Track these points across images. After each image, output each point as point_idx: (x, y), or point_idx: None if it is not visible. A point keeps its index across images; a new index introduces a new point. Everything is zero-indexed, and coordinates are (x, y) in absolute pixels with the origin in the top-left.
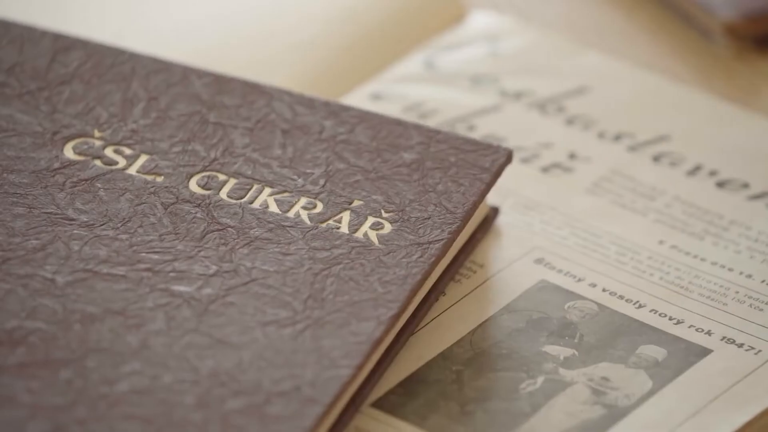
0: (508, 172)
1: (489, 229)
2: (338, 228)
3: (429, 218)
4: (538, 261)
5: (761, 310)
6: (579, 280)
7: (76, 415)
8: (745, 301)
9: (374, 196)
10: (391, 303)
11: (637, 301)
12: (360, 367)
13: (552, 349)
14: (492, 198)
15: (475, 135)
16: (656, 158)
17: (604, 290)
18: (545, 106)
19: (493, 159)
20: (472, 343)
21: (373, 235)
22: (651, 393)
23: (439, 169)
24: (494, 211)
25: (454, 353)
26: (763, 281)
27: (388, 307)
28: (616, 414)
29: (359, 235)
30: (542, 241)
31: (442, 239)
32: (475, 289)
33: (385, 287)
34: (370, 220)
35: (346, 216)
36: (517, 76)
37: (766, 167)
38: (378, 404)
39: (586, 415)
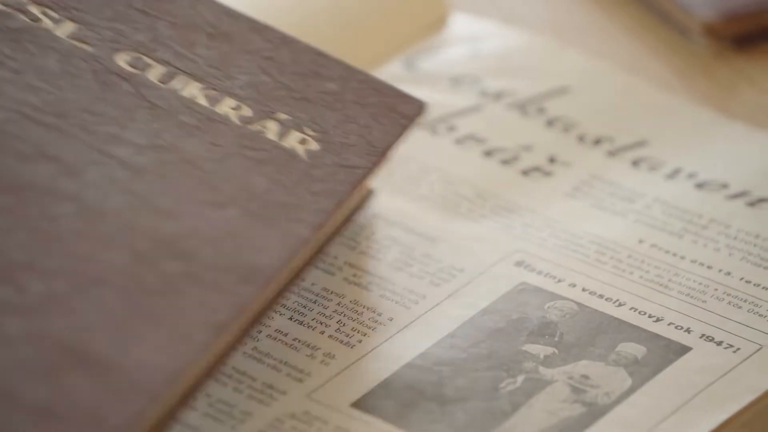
0: (490, 174)
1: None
2: (265, 134)
3: (353, 146)
4: (519, 263)
5: (740, 307)
6: (559, 280)
7: (17, 239)
8: (724, 299)
9: (299, 114)
10: (319, 211)
11: (617, 300)
12: (289, 260)
13: (532, 348)
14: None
15: (456, 135)
16: (635, 163)
17: (584, 289)
18: (526, 106)
19: (411, 108)
20: (452, 343)
21: (300, 149)
22: (630, 391)
23: (359, 105)
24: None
25: (434, 354)
26: (741, 279)
27: (317, 215)
28: (596, 412)
29: (286, 144)
30: (522, 243)
31: (365, 167)
32: (455, 292)
33: (313, 197)
34: (296, 134)
35: (272, 124)
36: (497, 76)
37: (745, 167)
38: (358, 404)
39: (566, 413)
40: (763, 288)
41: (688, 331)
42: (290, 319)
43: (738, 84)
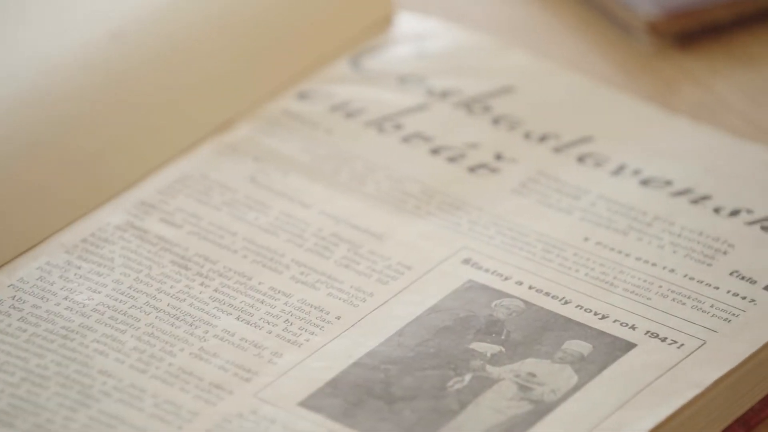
0: (436, 171)
1: None
2: None
3: None
4: (466, 261)
5: (684, 303)
6: (506, 278)
7: None
8: (668, 295)
9: None
10: None
11: (563, 297)
12: None
13: (479, 347)
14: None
15: (402, 133)
16: (581, 159)
17: (530, 287)
18: (472, 105)
19: None
20: (400, 342)
21: None
22: (577, 387)
23: None
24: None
25: (381, 352)
26: (685, 275)
27: None
28: (543, 409)
29: None
30: (469, 240)
31: None
32: (403, 290)
33: None
34: None
35: None
36: (443, 75)
37: (688, 165)
38: (305, 403)
39: (513, 411)
40: (707, 284)
41: (633, 327)
42: (237, 319)
43: (680, 81)
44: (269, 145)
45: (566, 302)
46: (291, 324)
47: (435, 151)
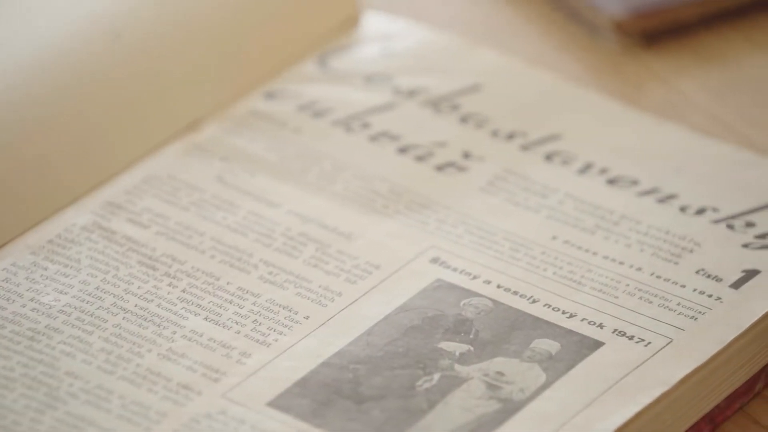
0: (404, 170)
1: None
2: None
3: None
4: (434, 260)
5: (651, 302)
6: (474, 277)
7: None
8: (635, 294)
9: None
10: None
11: (531, 296)
12: None
13: (448, 346)
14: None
15: (370, 132)
16: (548, 157)
17: (498, 286)
18: (439, 104)
19: None
20: (368, 341)
21: None
22: (545, 386)
23: None
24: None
25: (350, 352)
26: (652, 274)
27: None
28: (511, 408)
29: None
30: (437, 239)
31: None
32: (372, 289)
33: None
34: None
35: None
36: (410, 74)
37: (655, 164)
38: (274, 403)
39: (482, 410)
40: (673, 283)
41: (600, 326)
42: (205, 319)
43: (646, 80)
44: (237, 145)
45: (534, 301)
46: (259, 324)
47: (403, 150)
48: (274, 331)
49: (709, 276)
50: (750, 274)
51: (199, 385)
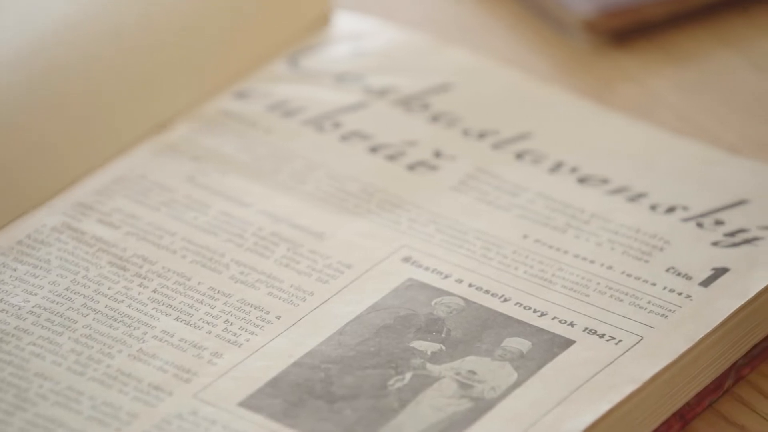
0: (376, 169)
1: None
2: None
3: None
4: (406, 259)
5: (621, 300)
6: (446, 276)
7: None
8: (606, 292)
9: None
10: None
11: (503, 295)
12: None
13: (419, 345)
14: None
15: (341, 132)
16: (519, 156)
17: (470, 285)
18: (410, 103)
19: None
20: (340, 341)
21: None
22: (516, 385)
23: None
24: None
25: (322, 351)
26: (623, 272)
27: None
28: (483, 406)
29: None
30: (409, 239)
31: None
32: (343, 289)
33: None
34: None
35: None
36: (381, 73)
37: (625, 162)
38: (245, 403)
39: (454, 409)
40: (644, 281)
41: (571, 324)
42: (176, 319)
43: (616, 78)
44: (208, 145)
45: (506, 300)
46: (231, 324)
47: (374, 150)
48: (246, 331)
49: (679, 274)
50: (719, 272)
51: (170, 385)
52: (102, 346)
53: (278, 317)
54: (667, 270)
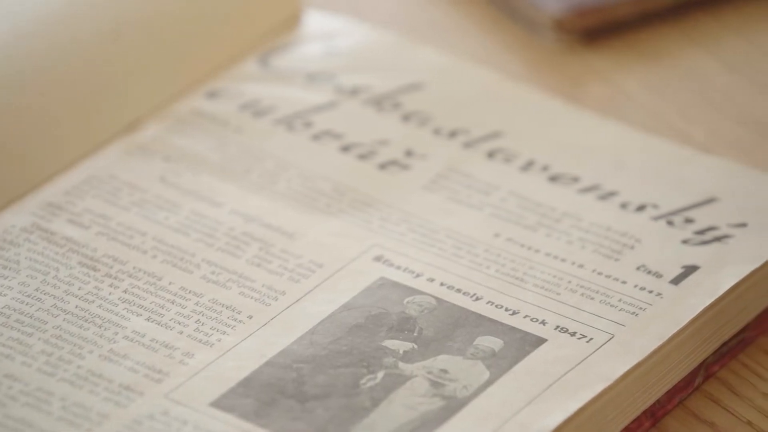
0: (347, 169)
1: None
2: None
3: None
4: (378, 258)
5: (592, 298)
6: (417, 275)
7: None
8: (577, 290)
9: None
10: None
11: (474, 294)
12: None
13: (391, 344)
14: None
15: (313, 131)
16: (490, 154)
17: (442, 284)
18: (381, 102)
19: None
20: (312, 340)
21: None
22: (488, 383)
23: None
24: None
25: (294, 351)
26: (594, 270)
27: None
28: (455, 405)
29: None
30: (381, 238)
31: None
32: (315, 288)
33: None
34: None
35: None
36: (352, 73)
37: (596, 161)
38: (217, 403)
39: (426, 408)
40: (614, 279)
41: (543, 323)
42: (147, 319)
43: (587, 77)
44: (179, 145)
45: (477, 299)
46: (202, 324)
47: (345, 149)
48: (217, 331)
49: (649, 272)
50: (689, 270)
51: (142, 385)
52: (72, 347)
53: (250, 317)
54: (638, 268)
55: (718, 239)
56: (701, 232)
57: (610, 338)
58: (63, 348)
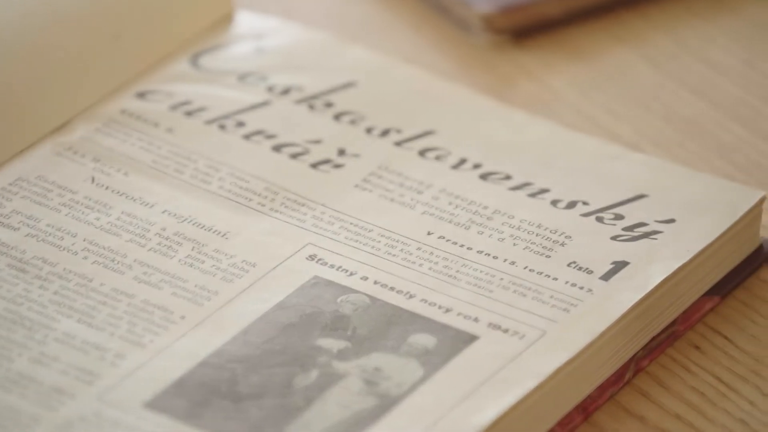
0: (280, 168)
1: None
2: None
3: None
4: (311, 257)
5: (524, 295)
6: (351, 274)
7: None
8: (509, 288)
9: None
10: None
11: (408, 292)
12: None
13: (325, 343)
14: None
15: (245, 131)
16: (422, 153)
17: (375, 282)
18: (313, 101)
19: None
20: (246, 340)
21: None
22: (422, 380)
23: None
24: None
25: (227, 351)
26: (526, 267)
27: None
28: (388, 403)
29: None
30: (314, 237)
31: None
32: (249, 287)
33: None
34: None
35: None
36: (284, 72)
37: (526, 158)
38: (150, 404)
39: (360, 406)
40: (546, 276)
41: (476, 320)
42: (78, 321)
43: (516, 76)
44: (108, 145)
45: (411, 296)
46: (134, 325)
47: (278, 148)
48: (150, 331)
49: (580, 268)
50: (619, 266)
51: (73, 388)
52: (1, 350)
53: (183, 317)
54: (569, 264)
55: (647, 235)
56: (630, 228)
57: (542, 334)
58: None
